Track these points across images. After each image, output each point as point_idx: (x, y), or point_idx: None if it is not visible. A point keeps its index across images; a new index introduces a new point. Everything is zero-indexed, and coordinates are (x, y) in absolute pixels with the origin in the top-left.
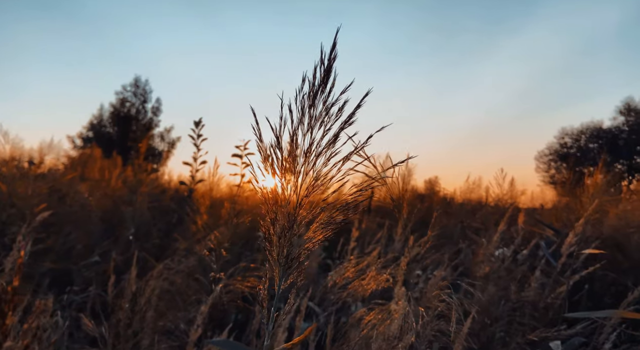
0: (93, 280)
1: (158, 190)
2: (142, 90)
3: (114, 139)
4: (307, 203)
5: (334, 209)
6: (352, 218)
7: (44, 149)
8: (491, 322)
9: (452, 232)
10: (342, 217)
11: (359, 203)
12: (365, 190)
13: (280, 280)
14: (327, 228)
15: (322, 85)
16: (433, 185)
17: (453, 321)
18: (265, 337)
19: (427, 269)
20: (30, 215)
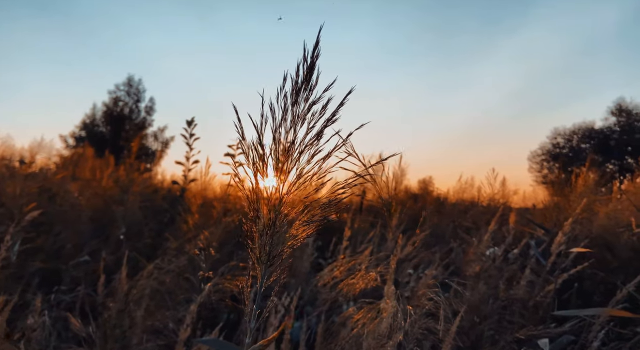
0: (82, 279)
1: (150, 190)
2: (136, 90)
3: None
4: (290, 201)
5: (316, 206)
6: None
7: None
8: (480, 321)
9: (444, 232)
10: (324, 214)
11: (341, 200)
12: (349, 187)
13: (262, 279)
14: (309, 226)
15: (305, 83)
16: (427, 185)
17: (441, 320)
18: (247, 335)
19: (419, 268)
20: (20, 215)
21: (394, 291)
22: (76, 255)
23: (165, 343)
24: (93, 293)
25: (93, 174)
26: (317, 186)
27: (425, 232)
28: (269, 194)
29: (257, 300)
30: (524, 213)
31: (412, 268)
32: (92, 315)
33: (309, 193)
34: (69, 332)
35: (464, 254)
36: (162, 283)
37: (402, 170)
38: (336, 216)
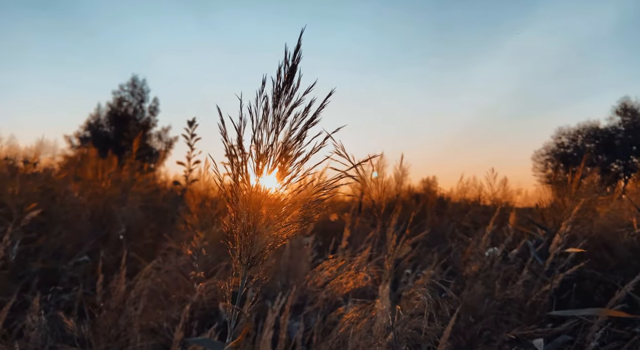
0: (80, 279)
1: (150, 190)
2: (140, 90)
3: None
4: (270, 202)
5: (297, 207)
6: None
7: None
8: (476, 321)
9: (444, 232)
10: (305, 215)
11: (322, 201)
12: (330, 188)
13: (242, 279)
14: (291, 227)
15: (286, 85)
16: (430, 185)
17: (426, 319)
18: (228, 335)
19: (417, 268)
20: (19, 215)
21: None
22: (76, 255)
23: (160, 342)
24: (92, 293)
25: (95, 174)
26: (298, 187)
27: (425, 232)
28: (248, 195)
29: (238, 301)
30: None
31: (411, 268)
32: (89, 315)
33: (289, 194)
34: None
35: (462, 254)
36: (160, 283)
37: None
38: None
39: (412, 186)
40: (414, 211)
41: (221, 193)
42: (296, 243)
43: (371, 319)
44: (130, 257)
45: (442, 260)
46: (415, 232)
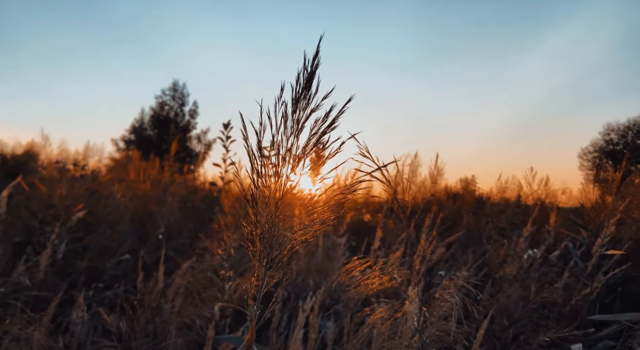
0: (121, 277)
1: (188, 191)
2: (180, 94)
3: (153, 141)
4: (289, 204)
5: (316, 210)
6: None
7: (87, 152)
8: (511, 324)
9: (481, 233)
10: (324, 218)
11: (342, 204)
12: (349, 192)
13: (262, 281)
14: (309, 229)
15: (305, 91)
16: (468, 184)
17: (454, 322)
18: (245, 333)
19: (451, 270)
20: (67, 215)
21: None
22: (117, 254)
23: (194, 339)
24: (133, 290)
25: (137, 175)
26: (317, 190)
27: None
28: (268, 198)
29: (258, 301)
30: (571, 213)
31: (446, 269)
32: (129, 312)
33: (308, 197)
34: (108, 327)
35: (497, 256)
36: (194, 282)
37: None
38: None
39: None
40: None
41: (242, 195)
42: (329, 243)
43: (396, 321)
44: (168, 256)
45: (477, 262)
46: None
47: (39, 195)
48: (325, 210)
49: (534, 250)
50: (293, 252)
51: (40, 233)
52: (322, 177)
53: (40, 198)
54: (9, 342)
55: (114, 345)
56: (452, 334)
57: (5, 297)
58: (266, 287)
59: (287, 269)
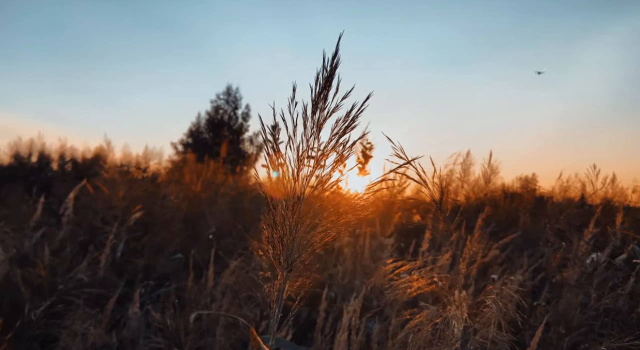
0: (173, 275)
1: (238, 192)
2: (233, 98)
3: (209, 144)
4: (309, 206)
5: (336, 212)
6: (418, 218)
7: (147, 155)
8: (568, 331)
9: (539, 234)
10: (345, 220)
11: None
12: (371, 193)
13: (283, 283)
14: (329, 232)
15: (325, 90)
16: (528, 183)
17: (494, 328)
18: (271, 337)
19: (505, 273)
20: (125, 216)
21: (464, 297)
22: (169, 253)
23: (240, 338)
24: (184, 287)
25: (191, 177)
26: (337, 192)
27: (514, 234)
28: (287, 200)
29: (280, 304)
30: None
31: (500, 273)
32: (179, 309)
33: (327, 198)
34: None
35: (555, 259)
36: (240, 282)
37: (492, 168)
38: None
39: (506, 185)
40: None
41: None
42: (376, 244)
43: (436, 326)
44: (218, 256)
45: (533, 265)
46: (505, 235)
47: (102, 197)
48: (348, 210)
49: (598, 253)
50: (338, 253)
51: (102, 232)
52: (340, 179)
53: (102, 199)
54: (67, 336)
55: (164, 342)
56: (497, 343)
57: (67, 294)
58: (288, 291)
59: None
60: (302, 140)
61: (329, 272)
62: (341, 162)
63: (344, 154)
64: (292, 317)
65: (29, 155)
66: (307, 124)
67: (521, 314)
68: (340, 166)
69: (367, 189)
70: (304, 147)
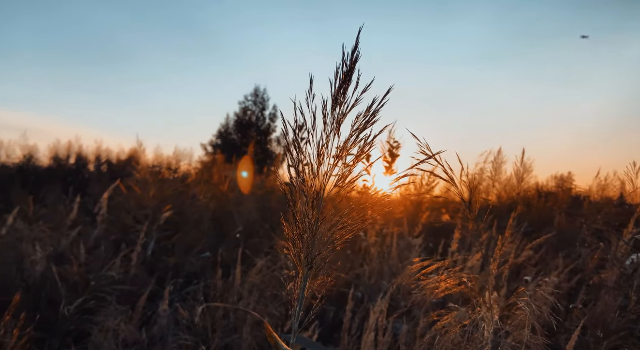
0: (201, 274)
1: (265, 192)
2: (261, 99)
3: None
4: (330, 203)
5: (357, 209)
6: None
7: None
8: (606, 336)
9: (575, 235)
10: (366, 218)
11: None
12: (392, 190)
13: (304, 282)
14: (349, 229)
15: (346, 85)
16: (564, 182)
17: (528, 331)
18: (292, 335)
19: (539, 275)
20: (158, 215)
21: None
22: (198, 252)
23: (264, 337)
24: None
25: (220, 178)
26: (357, 189)
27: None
28: (308, 197)
29: (301, 303)
30: None
31: (534, 274)
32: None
33: (344, 195)
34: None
35: (593, 261)
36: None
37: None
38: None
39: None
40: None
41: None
42: (404, 244)
43: (464, 328)
44: (246, 255)
45: (569, 267)
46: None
47: (134, 197)
48: (369, 208)
49: (638, 254)
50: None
51: (134, 231)
52: (359, 175)
53: (135, 199)
54: (99, 332)
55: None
56: (530, 346)
57: (100, 291)
58: (310, 290)
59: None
60: (322, 136)
61: (356, 272)
62: (362, 158)
63: (364, 149)
64: (314, 315)
65: (67, 158)
66: (327, 119)
67: (556, 317)
68: (361, 163)
69: (391, 185)
70: (324, 142)
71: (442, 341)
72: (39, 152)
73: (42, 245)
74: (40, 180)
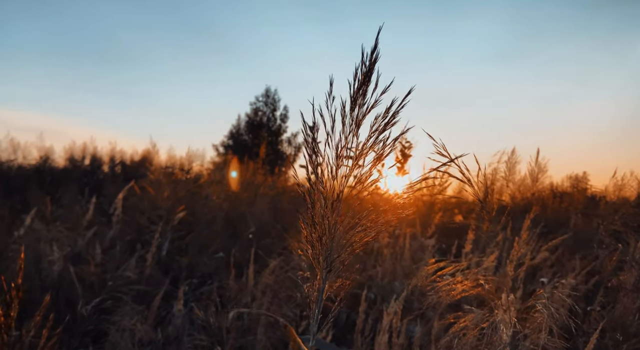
0: (214, 274)
1: (276, 192)
2: (272, 100)
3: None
4: (348, 205)
5: (376, 211)
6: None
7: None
8: (625, 339)
9: (591, 236)
10: (385, 220)
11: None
12: (411, 192)
13: (323, 283)
14: (369, 231)
15: (364, 86)
16: (578, 182)
17: (545, 333)
18: (311, 338)
19: (556, 276)
20: (172, 215)
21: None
22: (211, 252)
23: (280, 337)
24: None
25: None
26: (376, 191)
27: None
28: (326, 199)
29: (319, 305)
30: None
31: (550, 276)
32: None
33: (363, 197)
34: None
35: (611, 262)
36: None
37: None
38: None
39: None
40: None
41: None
42: (416, 245)
43: (482, 331)
44: (258, 255)
45: (586, 269)
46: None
47: (148, 197)
48: (388, 210)
49: None
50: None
51: (148, 231)
52: (380, 177)
53: (149, 200)
54: (116, 332)
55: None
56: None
57: (116, 291)
58: (328, 291)
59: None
60: (340, 138)
61: (368, 273)
62: (381, 160)
63: (383, 151)
64: (332, 318)
65: (82, 158)
66: (345, 120)
67: (574, 319)
68: (380, 164)
69: (408, 188)
70: (342, 144)
71: (459, 344)
72: (55, 153)
73: (59, 246)
74: (56, 180)
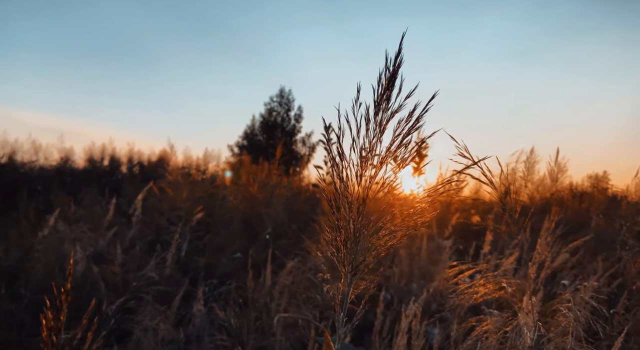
0: (233, 274)
1: (292, 193)
2: (286, 100)
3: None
4: (373, 209)
5: (401, 215)
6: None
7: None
8: None
9: (614, 237)
10: (410, 223)
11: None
12: (435, 196)
13: (348, 287)
14: (395, 235)
15: (388, 91)
16: (599, 182)
17: (571, 338)
18: (337, 341)
19: (577, 279)
20: (190, 216)
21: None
22: (229, 252)
23: (298, 338)
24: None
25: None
26: (399, 195)
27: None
28: (351, 203)
29: (345, 308)
30: None
31: (571, 278)
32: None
33: (388, 201)
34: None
35: (634, 264)
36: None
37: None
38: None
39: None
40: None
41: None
42: (433, 246)
43: (506, 334)
44: (275, 256)
45: (609, 271)
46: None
47: (167, 198)
48: (412, 213)
49: None
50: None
51: (167, 232)
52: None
53: (167, 200)
54: (139, 331)
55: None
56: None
57: (138, 291)
58: (353, 294)
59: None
60: (364, 142)
61: (385, 273)
62: (405, 164)
63: (406, 156)
64: (356, 321)
65: (101, 159)
66: (369, 125)
67: (600, 322)
68: (402, 168)
69: (432, 191)
70: (367, 149)
71: (482, 347)
72: (75, 154)
73: (82, 246)
74: (77, 181)
